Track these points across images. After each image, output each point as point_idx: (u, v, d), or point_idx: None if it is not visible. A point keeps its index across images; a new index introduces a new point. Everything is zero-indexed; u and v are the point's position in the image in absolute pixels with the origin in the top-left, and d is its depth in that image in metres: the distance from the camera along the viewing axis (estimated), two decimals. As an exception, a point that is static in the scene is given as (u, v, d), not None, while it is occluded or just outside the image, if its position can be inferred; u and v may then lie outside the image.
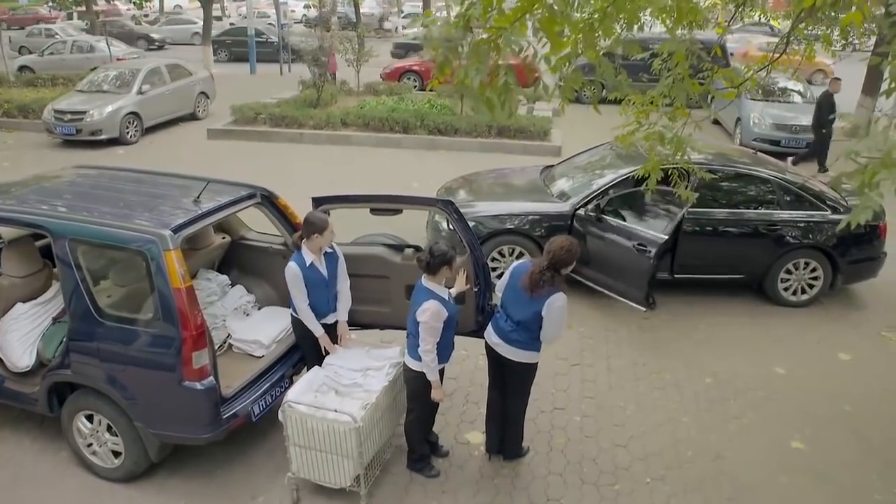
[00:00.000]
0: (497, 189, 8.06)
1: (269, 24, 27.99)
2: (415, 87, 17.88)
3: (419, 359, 4.20)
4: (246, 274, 5.63)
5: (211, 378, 4.16)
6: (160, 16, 34.88)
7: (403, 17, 34.71)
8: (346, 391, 4.41)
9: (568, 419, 5.29)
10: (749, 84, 4.49)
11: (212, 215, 4.58)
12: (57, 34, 25.56)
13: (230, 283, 5.53)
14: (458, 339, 5.00)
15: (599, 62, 3.16)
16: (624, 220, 6.65)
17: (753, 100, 13.10)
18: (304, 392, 4.34)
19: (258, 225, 5.70)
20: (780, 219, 6.88)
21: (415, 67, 18.78)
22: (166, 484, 4.58)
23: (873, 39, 14.58)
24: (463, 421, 5.19)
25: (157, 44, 29.25)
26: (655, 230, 6.34)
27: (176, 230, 4.17)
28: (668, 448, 5.00)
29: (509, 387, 4.54)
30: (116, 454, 4.50)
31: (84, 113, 12.96)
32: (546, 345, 4.34)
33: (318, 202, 4.87)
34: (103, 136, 13.01)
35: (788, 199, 6.98)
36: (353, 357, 4.62)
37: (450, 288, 4.48)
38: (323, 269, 4.60)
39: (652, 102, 4.07)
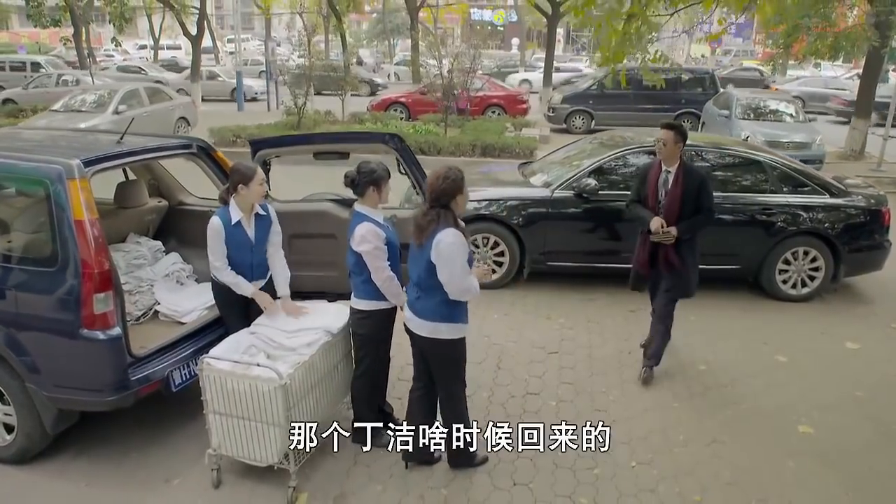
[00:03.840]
0: (474, 178, 7.56)
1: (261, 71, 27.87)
2: (401, 118, 17.61)
3: (367, 297, 3.65)
4: (185, 243, 5.07)
5: (117, 329, 3.54)
6: (155, 60, 34.93)
7: (396, 65, 34.91)
8: (278, 354, 3.77)
9: (542, 403, 4.64)
10: None
11: (134, 156, 4.05)
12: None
13: (164, 250, 4.95)
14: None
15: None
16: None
17: (745, 119, 12.81)
18: (229, 353, 3.71)
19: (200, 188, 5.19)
20: (777, 203, 6.35)
21: (402, 99, 18.54)
22: (69, 466, 3.92)
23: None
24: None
25: (380, 87, 26.44)
26: None
27: (87, 163, 3.64)
28: (656, 432, 4.34)
29: (434, 374, 3.64)
30: (9, 429, 3.85)
31: (56, 130, 12.55)
32: (453, 296, 3.37)
33: (254, 145, 4.36)
34: (75, 154, 12.57)
35: (785, 183, 6.49)
36: (288, 317, 4.00)
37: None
38: (250, 232, 3.91)
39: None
